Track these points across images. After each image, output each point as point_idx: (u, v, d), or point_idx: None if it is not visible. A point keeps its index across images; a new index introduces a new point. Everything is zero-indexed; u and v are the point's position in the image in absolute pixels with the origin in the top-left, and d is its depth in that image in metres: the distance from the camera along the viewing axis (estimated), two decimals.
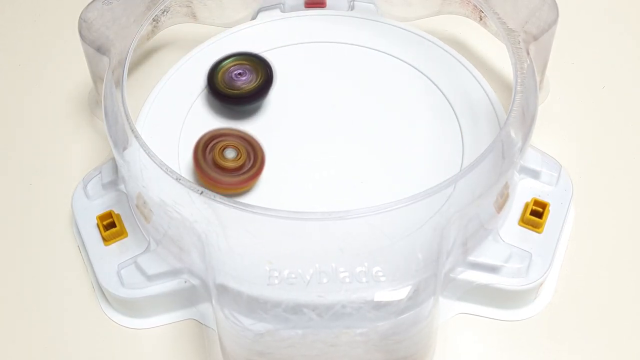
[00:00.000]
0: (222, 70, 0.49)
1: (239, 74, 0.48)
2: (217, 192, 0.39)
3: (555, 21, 0.46)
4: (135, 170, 0.41)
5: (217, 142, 0.45)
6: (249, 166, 0.45)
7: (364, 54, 0.53)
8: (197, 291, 0.43)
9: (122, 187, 0.46)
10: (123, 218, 0.45)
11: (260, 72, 0.49)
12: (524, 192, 0.46)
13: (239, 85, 0.48)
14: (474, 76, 0.50)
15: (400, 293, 0.37)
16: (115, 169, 0.47)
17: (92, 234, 0.45)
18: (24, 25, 0.60)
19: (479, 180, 0.40)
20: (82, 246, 0.46)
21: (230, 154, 0.45)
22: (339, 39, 0.53)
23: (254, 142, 0.46)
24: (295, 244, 0.39)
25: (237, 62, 0.49)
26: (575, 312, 0.44)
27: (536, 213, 0.44)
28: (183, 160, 0.47)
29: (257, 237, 0.39)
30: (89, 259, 0.45)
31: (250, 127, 0.48)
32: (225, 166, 0.44)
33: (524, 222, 0.44)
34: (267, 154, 0.47)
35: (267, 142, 0.47)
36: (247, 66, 0.49)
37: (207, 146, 0.45)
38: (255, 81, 0.48)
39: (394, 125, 0.48)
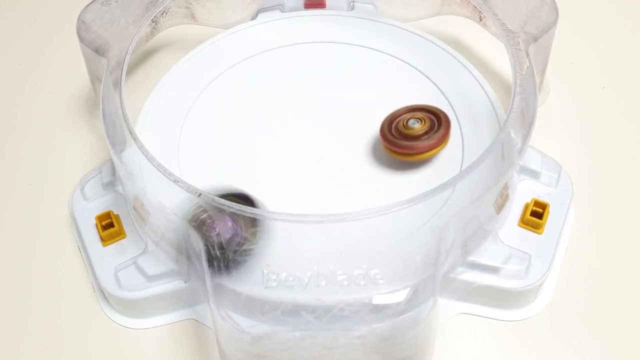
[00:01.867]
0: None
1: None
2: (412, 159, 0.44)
3: (555, 22, 0.46)
4: (133, 172, 0.41)
5: (399, 119, 0.46)
6: (436, 129, 0.45)
7: (364, 54, 0.53)
8: (197, 291, 0.43)
9: (120, 188, 0.46)
10: (122, 219, 0.45)
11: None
12: (523, 193, 0.45)
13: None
14: (473, 76, 0.50)
15: (399, 295, 0.37)
16: (114, 169, 0.47)
17: (92, 235, 0.45)
18: (24, 25, 0.60)
19: (479, 181, 0.40)
20: (82, 246, 0.46)
21: (414, 124, 0.45)
22: (339, 39, 0.53)
23: (434, 109, 0.47)
24: (293, 246, 0.39)
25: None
26: (575, 313, 0.44)
27: (536, 214, 0.44)
28: (183, 161, 0.47)
29: (255, 239, 0.39)
30: (88, 260, 0.45)
31: (250, 127, 0.48)
32: (413, 134, 0.45)
33: (523, 223, 0.44)
34: (267, 154, 0.47)
35: (265, 143, 0.47)
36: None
37: (391, 124, 0.46)
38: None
39: None
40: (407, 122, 0.46)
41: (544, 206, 0.45)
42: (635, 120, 0.52)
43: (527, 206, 0.45)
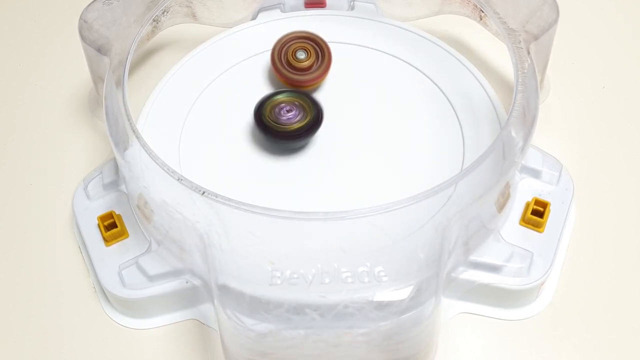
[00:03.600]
0: (271, 104, 0.47)
1: (288, 110, 0.47)
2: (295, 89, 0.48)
3: (555, 21, 0.46)
4: (137, 171, 0.41)
5: (290, 46, 0.50)
6: (319, 64, 0.50)
7: (364, 54, 0.53)
8: (199, 291, 0.43)
9: (123, 187, 0.46)
10: (124, 218, 0.45)
11: (309, 112, 0.47)
12: (525, 192, 0.46)
13: (285, 122, 0.47)
14: (474, 76, 0.50)
15: (402, 293, 0.37)
16: (116, 169, 0.47)
17: (93, 235, 0.45)
18: (24, 25, 0.60)
19: (480, 180, 0.40)
20: (83, 247, 0.46)
21: (301, 55, 0.49)
22: (339, 39, 0.53)
23: (320, 41, 0.50)
24: (297, 244, 0.39)
25: (288, 99, 0.48)
26: (576, 311, 0.44)
27: (537, 212, 0.44)
28: (184, 160, 0.47)
29: (259, 237, 0.39)
30: (90, 260, 0.45)
31: (251, 126, 0.48)
32: (299, 66, 0.49)
33: (525, 221, 0.44)
34: (268, 155, 0.47)
35: (266, 142, 0.47)
36: (297, 103, 0.47)
37: (281, 50, 0.50)
38: (304, 120, 0.47)
39: (395, 125, 0.48)
40: (295, 52, 0.49)
41: (545, 205, 0.45)
42: (635, 120, 0.52)
43: (528, 205, 0.45)
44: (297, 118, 0.47)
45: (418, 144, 0.47)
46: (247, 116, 0.49)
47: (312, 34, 0.50)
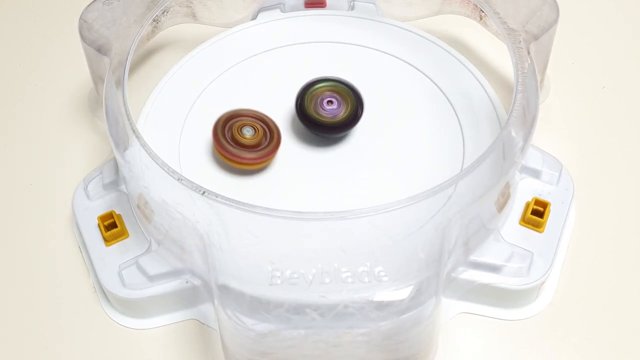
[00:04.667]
0: (311, 95, 0.47)
1: (329, 101, 0.47)
2: (237, 167, 0.44)
3: (555, 20, 0.46)
4: (137, 171, 0.41)
5: (235, 122, 0.46)
6: (266, 144, 0.46)
7: (364, 54, 0.53)
8: (199, 291, 0.43)
9: (123, 187, 0.46)
10: (124, 218, 0.45)
11: (350, 103, 0.47)
12: (525, 192, 0.46)
13: (327, 114, 0.47)
14: (474, 76, 0.50)
15: (403, 293, 0.37)
16: (116, 169, 0.47)
17: (93, 235, 0.45)
18: (24, 25, 0.60)
19: (480, 180, 0.40)
20: (83, 247, 0.46)
21: (248, 132, 0.46)
22: (339, 39, 0.53)
23: (270, 122, 0.47)
24: (298, 244, 0.39)
25: (329, 89, 0.48)
26: (577, 311, 0.44)
27: (537, 212, 0.44)
28: (184, 160, 0.47)
29: (259, 237, 0.39)
30: (90, 260, 0.45)
31: None
32: (244, 143, 0.45)
33: (525, 221, 0.44)
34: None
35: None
36: (338, 95, 0.47)
37: (225, 125, 0.46)
38: (345, 112, 0.47)
39: (395, 125, 0.48)
40: (241, 128, 0.46)
41: (545, 205, 0.45)
42: (635, 120, 0.52)
43: (528, 205, 0.45)
44: (340, 110, 0.47)
45: (418, 144, 0.47)
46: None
47: (260, 113, 0.48)
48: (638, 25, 0.58)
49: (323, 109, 0.47)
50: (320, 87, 0.48)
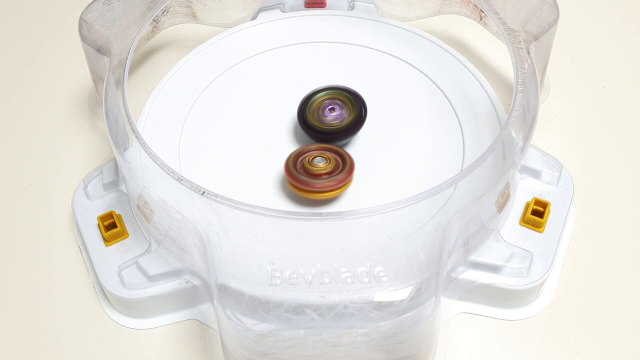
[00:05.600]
0: (314, 104, 0.47)
1: (331, 109, 0.47)
2: (312, 197, 0.43)
3: (555, 21, 0.46)
4: (136, 171, 0.41)
5: (306, 155, 0.45)
6: (339, 171, 0.44)
7: (364, 54, 0.53)
8: (199, 291, 0.43)
9: (122, 187, 0.46)
10: (124, 218, 0.45)
11: (354, 109, 0.47)
12: (524, 192, 0.46)
13: (330, 121, 0.47)
14: (474, 76, 0.50)
15: (402, 293, 0.37)
16: (116, 169, 0.47)
17: (93, 235, 0.45)
18: (24, 25, 0.60)
19: (480, 180, 0.40)
20: (83, 247, 0.46)
21: (319, 162, 0.45)
22: (339, 39, 0.53)
23: (342, 152, 0.46)
24: (297, 244, 0.39)
25: (329, 96, 0.48)
26: (576, 312, 0.44)
27: (537, 213, 0.44)
28: (184, 160, 0.47)
29: (259, 237, 0.39)
30: (90, 260, 0.45)
31: (250, 126, 0.48)
32: (315, 172, 0.44)
33: (525, 221, 0.44)
34: (268, 153, 0.47)
35: (266, 142, 0.47)
36: (339, 101, 0.47)
37: (297, 159, 0.45)
38: (348, 117, 0.47)
39: (395, 125, 0.48)
40: (312, 159, 0.45)
41: (544, 205, 0.45)
42: (635, 120, 0.52)
43: (528, 205, 0.45)
44: (343, 116, 0.47)
45: (418, 144, 0.47)
46: (247, 116, 0.49)
47: (332, 146, 0.46)
48: (638, 26, 0.58)
49: (325, 116, 0.47)
50: (321, 96, 0.48)
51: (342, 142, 0.47)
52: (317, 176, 0.44)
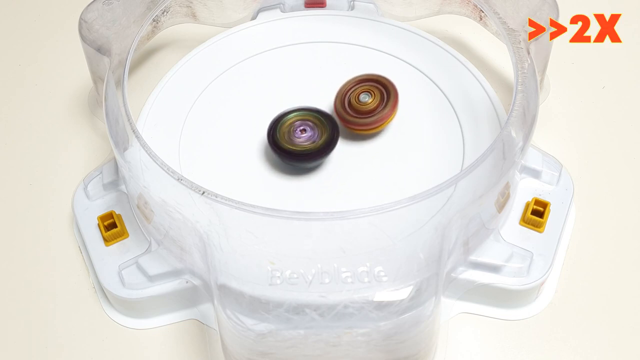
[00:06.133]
0: (285, 124, 0.47)
1: (302, 130, 0.46)
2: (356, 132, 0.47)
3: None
4: (137, 171, 0.41)
5: (351, 94, 0.47)
6: (383, 107, 0.47)
7: (364, 54, 0.53)
8: (199, 291, 0.43)
9: (123, 187, 0.46)
10: (124, 218, 0.45)
11: (325, 130, 0.46)
12: (524, 192, 0.46)
13: (300, 143, 0.46)
14: (474, 76, 0.50)
15: (402, 293, 0.37)
16: (116, 169, 0.47)
17: (93, 235, 0.45)
18: (24, 25, 0.60)
19: (480, 180, 0.40)
20: (83, 247, 0.46)
21: (365, 97, 0.47)
22: (339, 39, 0.53)
23: (382, 79, 0.48)
24: (297, 244, 0.39)
25: (300, 118, 0.47)
26: (576, 311, 0.44)
27: (537, 212, 0.44)
28: (184, 160, 0.47)
29: (259, 237, 0.39)
30: (90, 260, 0.45)
31: (250, 126, 0.48)
32: (361, 109, 0.47)
33: (525, 221, 0.44)
34: (268, 153, 0.47)
35: (266, 142, 0.47)
36: (310, 123, 0.47)
37: (343, 101, 0.47)
38: (320, 139, 0.46)
39: (395, 125, 0.48)
40: (358, 97, 0.47)
41: (544, 205, 0.45)
42: (635, 120, 0.52)
43: (528, 205, 0.45)
44: (313, 137, 0.46)
45: (418, 144, 0.47)
46: (247, 116, 0.49)
47: (376, 75, 0.48)
48: (638, 26, 0.58)
49: (297, 137, 0.46)
50: (292, 117, 0.47)
51: (314, 163, 0.46)
52: (371, 112, 0.47)
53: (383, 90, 0.47)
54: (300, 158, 0.46)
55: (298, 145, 0.46)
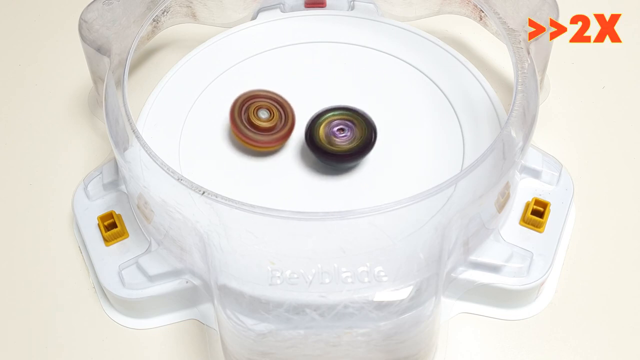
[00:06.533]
0: (324, 124, 0.46)
1: (341, 129, 0.46)
2: (254, 149, 0.46)
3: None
4: (137, 171, 0.41)
5: (252, 103, 0.47)
6: (281, 126, 0.47)
7: (364, 54, 0.53)
8: (199, 291, 0.43)
9: (123, 187, 0.46)
10: (124, 218, 0.45)
11: (364, 131, 0.46)
12: (524, 192, 0.46)
13: (339, 143, 0.46)
14: (474, 76, 0.50)
15: (402, 293, 0.37)
16: (116, 169, 0.47)
17: (93, 235, 0.45)
18: (24, 25, 0.60)
19: (480, 180, 0.40)
20: (83, 247, 0.46)
21: (263, 114, 0.46)
22: (339, 39, 0.53)
23: (285, 104, 0.47)
24: (297, 244, 0.39)
25: (340, 117, 0.46)
26: (576, 312, 0.44)
27: (537, 212, 0.44)
28: (184, 160, 0.47)
29: (259, 237, 0.39)
30: (90, 260, 0.45)
31: None
32: (260, 126, 0.46)
33: (525, 221, 0.44)
34: (268, 155, 0.47)
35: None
36: (350, 122, 0.46)
37: (242, 106, 0.47)
38: (357, 139, 0.46)
39: (395, 125, 0.48)
40: (257, 110, 0.46)
41: (544, 205, 0.45)
42: (635, 120, 0.52)
43: (528, 205, 0.45)
44: (351, 137, 0.46)
45: (418, 144, 0.47)
46: None
47: (274, 94, 0.48)
48: (638, 26, 0.58)
49: (335, 137, 0.46)
50: (330, 115, 0.47)
51: (351, 164, 0.46)
52: (263, 130, 0.46)
53: (282, 113, 0.47)
54: (340, 159, 0.46)
55: (337, 145, 0.46)
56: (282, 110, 0.47)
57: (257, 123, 0.46)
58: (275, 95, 0.48)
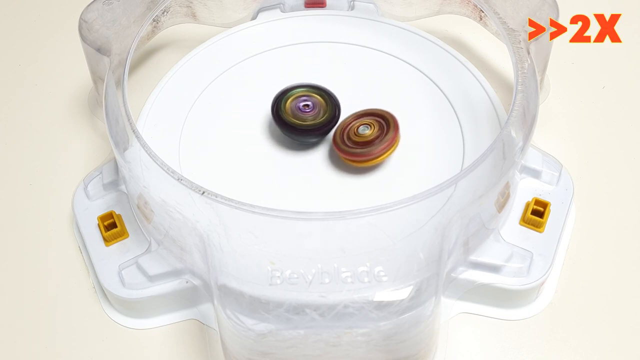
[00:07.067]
0: (290, 98, 0.47)
1: (306, 105, 0.47)
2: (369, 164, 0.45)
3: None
4: (137, 171, 0.41)
5: (350, 127, 0.46)
6: (386, 131, 0.46)
7: (364, 54, 0.53)
8: (199, 291, 0.43)
9: (123, 187, 0.46)
10: (124, 218, 0.45)
11: (328, 108, 0.47)
12: (525, 192, 0.46)
13: (304, 117, 0.47)
14: (474, 76, 0.50)
15: (402, 293, 0.37)
16: (116, 169, 0.47)
17: (93, 235, 0.45)
18: (24, 25, 0.60)
19: (480, 180, 0.40)
20: (83, 247, 0.46)
21: (364, 130, 0.46)
22: (339, 39, 0.53)
23: (383, 113, 0.47)
24: (297, 244, 0.39)
25: (306, 93, 0.47)
26: (576, 312, 0.44)
27: (537, 212, 0.44)
28: (184, 160, 0.47)
29: (259, 237, 0.39)
30: (90, 260, 0.45)
31: (250, 126, 0.48)
32: (364, 140, 0.45)
33: (525, 221, 0.44)
34: (268, 153, 0.47)
35: (266, 141, 0.47)
36: (315, 99, 0.47)
37: (342, 134, 0.46)
38: (322, 116, 0.47)
39: None
40: (357, 129, 0.46)
41: (545, 205, 0.45)
42: (635, 120, 0.52)
43: (528, 205, 0.45)
44: (315, 113, 0.47)
45: (418, 144, 0.47)
46: (247, 116, 0.49)
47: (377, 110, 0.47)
48: (638, 26, 0.58)
49: (301, 111, 0.47)
50: (297, 91, 0.48)
51: (314, 139, 0.47)
52: (369, 143, 0.45)
53: (383, 122, 0.46)
54: (303, 133, 0.46)
55: (302, 119, 0.46)
56: (381, 120, 0.46)
57: (360, 139, 0.45)
58: (373, 111, 0.47)
